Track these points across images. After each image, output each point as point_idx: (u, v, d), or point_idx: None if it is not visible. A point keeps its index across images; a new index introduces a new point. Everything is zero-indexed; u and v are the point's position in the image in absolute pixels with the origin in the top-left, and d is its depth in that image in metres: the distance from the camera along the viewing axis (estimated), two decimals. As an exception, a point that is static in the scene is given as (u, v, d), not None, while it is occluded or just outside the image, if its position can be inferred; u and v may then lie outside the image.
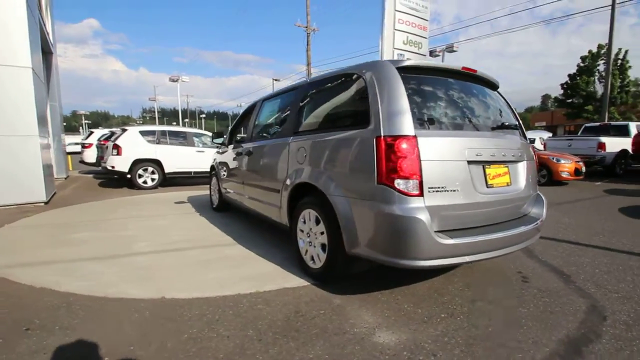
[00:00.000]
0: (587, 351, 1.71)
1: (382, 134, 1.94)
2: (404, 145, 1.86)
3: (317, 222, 2.44)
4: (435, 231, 1.86)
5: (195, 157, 8.17)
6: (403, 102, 1.96)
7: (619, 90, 23.61)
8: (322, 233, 2.39)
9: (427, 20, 10.62)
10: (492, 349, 1.72)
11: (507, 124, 2.43)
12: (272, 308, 2.12)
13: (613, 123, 11.75)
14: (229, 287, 2.40)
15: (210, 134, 8.85)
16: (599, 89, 25.02)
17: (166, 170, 7.90)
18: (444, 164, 1.95)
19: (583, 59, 25.78)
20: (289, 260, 2.94)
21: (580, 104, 25.54)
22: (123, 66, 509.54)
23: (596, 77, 25.50)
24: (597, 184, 8.41)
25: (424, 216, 1.82)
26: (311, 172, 2.46)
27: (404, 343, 1.76)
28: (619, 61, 23.79)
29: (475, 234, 1.97)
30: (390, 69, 2.09)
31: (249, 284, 2.46)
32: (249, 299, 2.25)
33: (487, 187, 2.13)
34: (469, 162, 2.03)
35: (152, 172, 7.78)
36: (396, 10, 9.24)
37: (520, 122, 2.71)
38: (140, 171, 7.63)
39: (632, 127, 10.26)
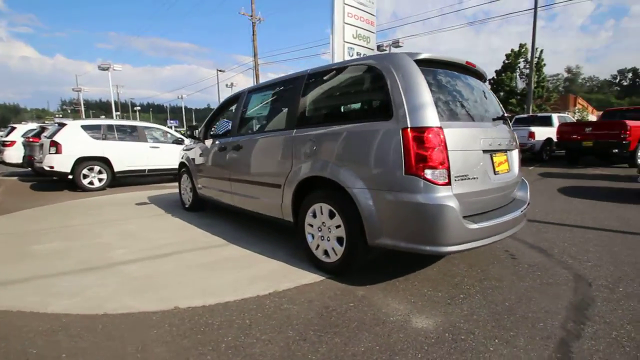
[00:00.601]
0: (592, 314, 1.95)
1: (409, 126, 1.97)
2: (432, 136, 1.92)
3: (331, 215, 2.42)
4: (462, 217, 1.96)
5: (149, 153, 7.51)
6: (427, 94, 2.01)
7: (535, 85, 26.89)
8: (338, 226, 2.38)
9: (374, 15, 11.00)
10: (518, 321, 1.88)
11: (501, 114, 2.64)
12: (299, 306, 2.07)
13: (539, 114, 13.37)
14: (244, 289, 2.28)
15: (164, 128, 8.19)
16: (520, 84, 28.27)
17: (116, 169, 7.14)
18: (465, 154, 2.06)
19: (507, 56, 28.84)
20: (294, 257, 2.88)
21: (505, 97, 28.58)
22: (35, 52, 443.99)
23: (517, 74, 28.74)
24: (531, 169, 9.53)
25: (454, 203, 1.91)
26: (324, 165, 2.42)
27: (442, 325, 1.85)
28: (535, 59, 27.02)
29: (491, 218, 2.13)
30: (409, 61, 2.12)
31: (264, 284, 2.36)
32: (271, 299, 2.16)
33: (495, 174, 2.30)
34: (483, 151, 2.17)
35: (100, 172, 6.98)
36: (345, 4, 9.41)
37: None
38: (85, 171, 6.79)
39: (555, 118, 11.78)
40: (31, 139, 7.97)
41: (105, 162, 7.00)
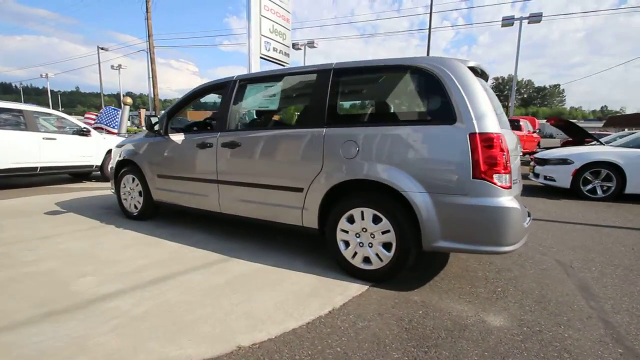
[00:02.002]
0: (596, 293, 2.36)
1: (476, 131, 2.01)
2: (499, 142, 2.01)
3: (376, 220, 2.31)
4: (519, 218, 2.12)
5: (43, 146, 5.82)
6: (487, 101, 2.09)
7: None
8: (385, 232, 2.28)
9: (289, 12, 11.10)
10: (559, 306, 2.14)
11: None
12: (375, 322, 1.90)
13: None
14: (300, 311, 1.98)
15: (62, 114, 6.46)
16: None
17: (-8, 167, 5.31)
18: (513, 158, 2.22)
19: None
20: (316, 265, 2.64)
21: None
22: None
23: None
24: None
25: (518, 205, 2.04)
26: (371, 167, 2.28)
27: (512, 320, 1.96)
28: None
29: (527, 217, 2.36)
30: (465, 68, 2.17)
31: (315, 302, 2.10)
32: (340, 318, 1.93)
33: (517, 175, 2.55)
34: (515, 156, 2.38)
35: (-35, 171, 5.08)
36: (262, -4, 9.24)
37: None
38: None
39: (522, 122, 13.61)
40: None
41: (-27, 157, 5.12)
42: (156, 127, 3.48)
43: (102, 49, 27.57)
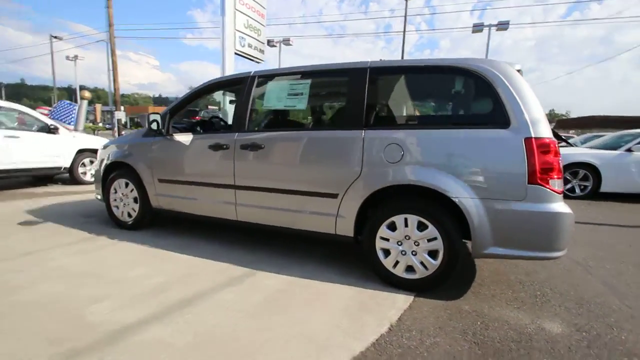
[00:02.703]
0: (623, 288, 2.44)
1: (532, 136, 1.98)
2: (554, 148, 1.99)
3: (421, 227, 2.21)
4: (567, 222, 2.11)
5: (4, 145, 5.12)
6: (539, 105, 2.06)
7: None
8: (431, 239, 2.19)
9: (264, 8, 10.85)
10: (600, 306, 2.18)
11: None
12: (442, 338, 1.80)
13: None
14: (360, 331, 1.83)
15: (24, 108, 5.71)
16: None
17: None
18: None
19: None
20: (351, 276, 2.51)
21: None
22: None
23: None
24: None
25: (571, 210, 2.03)
26: (418, 171, 2.17)
27: (567, 325, 1.96)
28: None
29: None
30: (515, 71, 2.12)
31: (371, 319, 1.96)
32: (404, 336, 1.81)
33: None
34: None
35: None
36: (236, -11, 8.97)
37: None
38: None
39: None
40: None
41: None
42: (153, 126, 3.12)
43: (55, 37, 25.11)
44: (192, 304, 2.04)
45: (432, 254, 2.23)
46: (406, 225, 2.25)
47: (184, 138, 3.05)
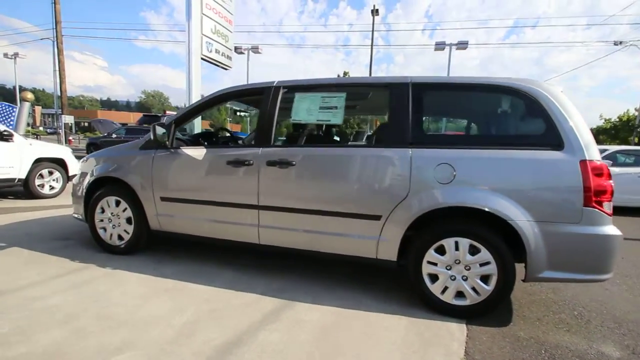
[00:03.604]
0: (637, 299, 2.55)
1: (587, 158, 1.99)
2: (606, 170, 2.01)
3: (473, 251, 2.13)
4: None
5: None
6: (587, 127, 2.09)
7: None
8: (483, 264, 2.11)
9: (232, 14, 10.67)
10: (635, 321, 2.23)
11: None
12: (517, 372, 1.70)
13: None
14: (432, 369, 1.67)
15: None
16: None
17: None
18: None
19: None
20: (392, 303, 2.35)
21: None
22: None
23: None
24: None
25: (620, 232, 2.06)
26: (472, 194, 2.09)
27: (622, 348, 1.96)
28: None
29: None
30: (561, 93, 2.14)
31: (434, 354, 1.81)
32: (479, 373, 1.68)
33: None
34: None
35: None
36: (204, -7, 8.74)
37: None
38: None
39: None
40: None
41: None
42: (160, 138, 2.75)
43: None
44: (235, 350, 1.74)
45: (484, 278, 2.14)
46: (457, 249, 2.16)
47: (196, 152, 2.72)
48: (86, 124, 47.98)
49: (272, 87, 2.63)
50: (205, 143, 3.12)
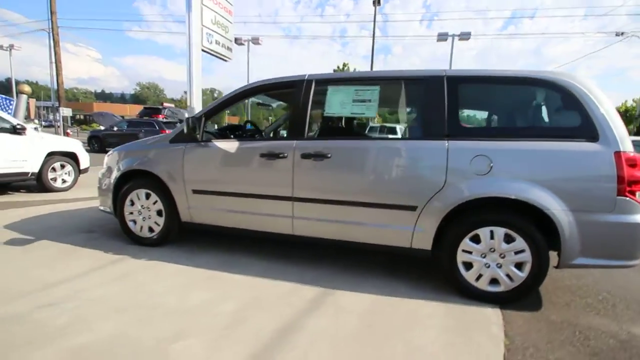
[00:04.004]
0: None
1: (621, 150, 2.05)
2: (639, 162, 2.08)
3: (508, 240, 2.20)
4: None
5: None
6: (620, 119, 2.15)
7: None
8: (518, 252, 2.19)
9: (232, 4, 10.54)
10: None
11: None
12: (560, 352, 1.79)
13: (387, 125, 16.26)
14: (481, 353, 1.75)
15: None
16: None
17: None
18: None
19: (334, 71, 33.57)
20: (425, 289, 2.42)
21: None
22: None
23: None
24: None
25: (651, 220, 2.14)
26: (509, 185, 2.15)
27: (654, 331, 2.05)
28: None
29: None
30: (595, 86, 2.19)
31: (478, 337, 1.89)
32: (525, 355, 1.76)
33: None
34: None
35: None
36: (204, -18, 8.62)
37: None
38: None
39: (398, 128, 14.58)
40: None
41: None
42: (188, 130, 2.77)
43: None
44: (289, 337, 1.81)
45: (518, 265, 2.22)
46: (492, 238, 2.23)
47: (228, 145, 2.75)
48: (82, 117, 47.33)
49: (304, 80, 2.66)
50: (231, 136, 3.15)
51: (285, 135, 2.84)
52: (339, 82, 2.63)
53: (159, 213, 3.02)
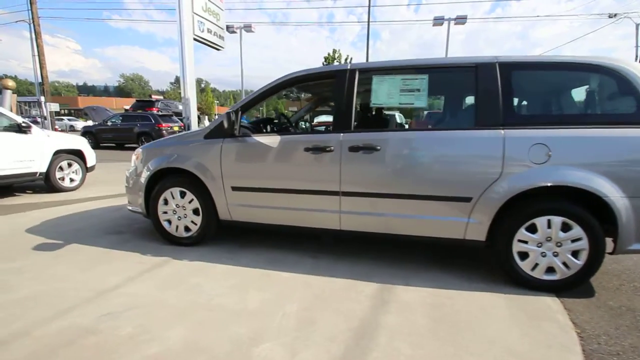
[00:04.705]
0: None
1: (678, 135, 2.05)
2: (696, 147, 2.08)
3: (565, 228, 2.20)
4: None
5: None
6: (676, 103, 2.14)
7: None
8: (575, 240, 2.19)
9: None
10: None
11: None
12: (633, 339, 1.81)
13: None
14: (557, 342, 1.76)
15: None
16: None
17: None
18: None
19: (325, 59, 33.12)
20: (479, 281, 2.43)
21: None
22: None
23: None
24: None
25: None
26: (568, 173, 2.13)
27: None
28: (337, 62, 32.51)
29: None
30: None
31: (551, 328, 1.90)
32: (600, 342, 1.78)
33: None
34: None
35: None
36: (194, -30, 8.33)
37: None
38: None
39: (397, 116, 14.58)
40: None
41: None
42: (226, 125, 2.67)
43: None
44: (367, 335, 1.78)
45: (575, 253, 2.23)
46: (549, 227, 2.22)
47: (269, 140, 2.66)
48: (65, 111, 45.87)
49: (347, 69, 2.57)
50: (267, 129, 3.06)
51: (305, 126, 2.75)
52: (384, 72, 2.54)
53: (196, 212, 2.93)
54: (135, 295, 2.13)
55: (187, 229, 2.99)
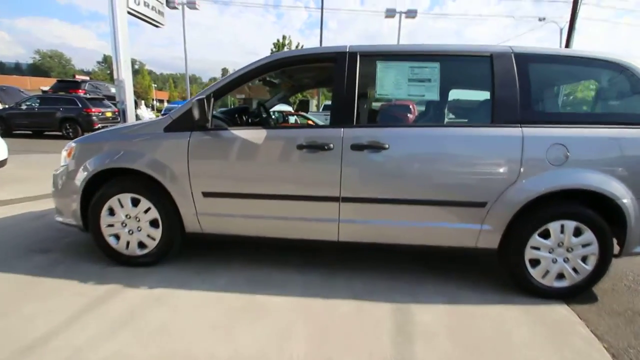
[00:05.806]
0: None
1: (688, 137, 2.02)
2: None
3: (577, 233, 2.10)
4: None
5: None
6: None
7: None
8: (585, 245, 2.10)
9: None
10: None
11: None
12: (656, 350, 1.74)
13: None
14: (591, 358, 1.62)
15: None
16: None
17: None
18: None
19: (275, 44, 31.95)
20: (488, 292, 2.25)
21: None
22: None
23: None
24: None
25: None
26: (590, 175, 2.00)
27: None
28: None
29: None
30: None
31: (575, 341, 1.76)
32: (629, 355, 1.67)
33: None
34: None
35: None
36: None
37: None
38: None
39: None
40: None
41: None
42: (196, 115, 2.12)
43: None
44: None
45: (584, 258, 2.15)
46: (562, 232, 2.10)
47: (251, 134, 2.16)
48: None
49: (347, 52, 2.17)
50: (241, 121, 2.54)
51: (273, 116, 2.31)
52: (389, 57, 2.19)
53: (154, 223, 2.33)
54: (82, 347, 1.54)
55: (141, 245, 2.38)
